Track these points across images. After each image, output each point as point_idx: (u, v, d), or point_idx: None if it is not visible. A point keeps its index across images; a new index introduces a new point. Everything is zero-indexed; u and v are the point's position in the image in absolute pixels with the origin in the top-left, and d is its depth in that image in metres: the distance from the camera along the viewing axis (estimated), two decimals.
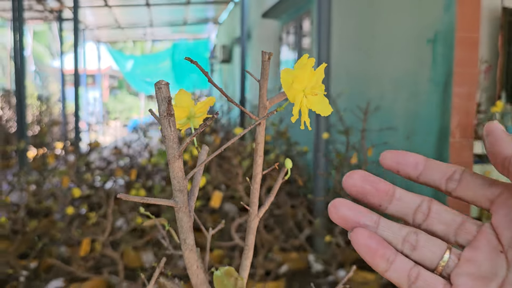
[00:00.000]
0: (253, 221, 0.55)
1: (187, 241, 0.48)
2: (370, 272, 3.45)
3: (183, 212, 0.47)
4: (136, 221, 2.83)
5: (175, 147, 0.44)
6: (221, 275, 0.53)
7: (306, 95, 0.50)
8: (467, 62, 3.19)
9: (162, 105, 0.44)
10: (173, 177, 0.46)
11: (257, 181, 0.54)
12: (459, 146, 3.24)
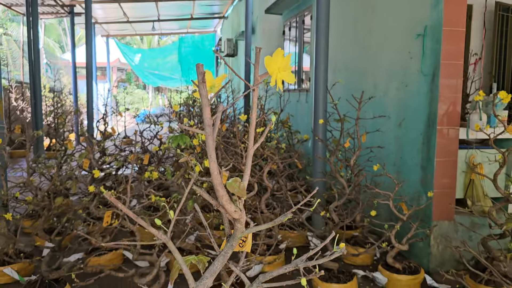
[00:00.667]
0: (250, 150, 0.86)
1: (212, 156, 0.79)
2: (361, 247, 3.76)
3: (210, 138, 0.77)
4: (151, 200, 3.15)
5: (206, 100, 0.74)
6: (231, 182, 0.85)
7: (279, 71, 0.81)
8: (453, 55, 3.46)
9: (199, 76, 0.75)
10: (205, 117, 0.76)
11: (252, 126, 0.84)
12: (445, 132, 3.52)
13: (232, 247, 0.93)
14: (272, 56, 0.80)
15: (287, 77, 0.82)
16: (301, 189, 3.94)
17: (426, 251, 3.60)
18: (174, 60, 20.32)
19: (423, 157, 3.65)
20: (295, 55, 7.95)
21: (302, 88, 7.26)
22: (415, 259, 3.64)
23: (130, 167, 4.83)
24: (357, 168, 3.72)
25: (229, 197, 0.82)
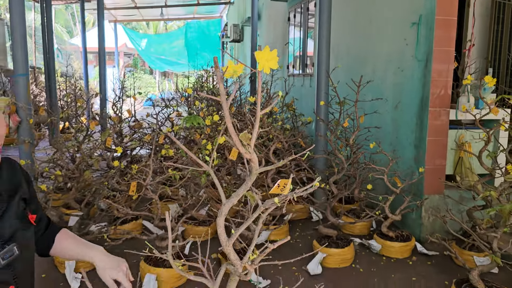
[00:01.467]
0: (257, 116, 1.19)
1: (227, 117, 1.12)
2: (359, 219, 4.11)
3: (226, 106, 1.10)
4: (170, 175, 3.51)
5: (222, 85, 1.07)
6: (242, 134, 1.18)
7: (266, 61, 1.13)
8: (445, 42, 3.76)
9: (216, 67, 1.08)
10: (221, 93, 1.09)
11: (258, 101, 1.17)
12: (437, 113, 3.83)
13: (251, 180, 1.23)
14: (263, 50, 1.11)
15: (273, 66, 1.13)
16: (305, 165, 4.28)
17: (418, 222, 3.95)
18: (180, 45, 20.54)
19: (416, 136, 3.97)
20: (300, 41, 8.21)
21: (306, 73, 7.56)
22: (408, 229, 3.99)
23: (145, 146, 5.19)
24: (355, 147, 4.05)
25: (241, 143, 1.13)
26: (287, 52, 8.91)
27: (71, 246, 1.33)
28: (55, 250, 1.35)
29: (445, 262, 3.58)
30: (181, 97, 7.73)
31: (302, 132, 4.43)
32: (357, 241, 3.85)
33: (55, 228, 1.36)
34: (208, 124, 3.93)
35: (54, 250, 1.35)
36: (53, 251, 1.36)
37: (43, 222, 1.32)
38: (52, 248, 1.34)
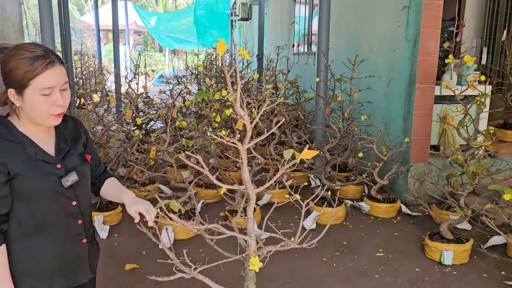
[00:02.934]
0: (265, 91, 1.64)
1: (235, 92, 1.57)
2: (356, 185, 4.58)
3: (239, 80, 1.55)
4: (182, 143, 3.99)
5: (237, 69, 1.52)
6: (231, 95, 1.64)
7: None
8: (432, 24, 4.13)
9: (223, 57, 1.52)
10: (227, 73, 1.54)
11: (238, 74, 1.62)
12: (423, 89, 4.24)
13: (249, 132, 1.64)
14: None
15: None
16: (305, 137, 4.74)
17: (404, 187, 4.41)
18: (189, 23, 20.74)
19: (404, 110, 4.40)
20: (305, 19, 8.53)
21: (310, 51, 7.92)
22: (395, 194, 4.46)
23: (159, 120, 5.66)
24: (350, 120, 4.49)
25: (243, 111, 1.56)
26: (293, 31, 9.25)
27: (111, 189, 1.74)
28: (102, 191, 1.74)
29: (425, 221, 4.05)
30: (192, 75, 8.16)
31: (302, 106, 4.86)
32: (348, 202, 4.34)
33: (107, 175, 1.75)
34: (217, 98, 4.38)
35: (101, 191, 1.74)
36: (101, 192, 1.75)
37: (100, 168, 1.75)
38: (101, 189, 1.74)
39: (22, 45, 1.29)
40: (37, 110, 1.29)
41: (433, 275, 3.08)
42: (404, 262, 3.26)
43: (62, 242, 1.41)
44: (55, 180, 1.35)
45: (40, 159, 1.34)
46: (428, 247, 3.30)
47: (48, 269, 1.38)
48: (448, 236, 3.25)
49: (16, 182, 1.28)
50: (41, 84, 1.26)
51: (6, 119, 1.33)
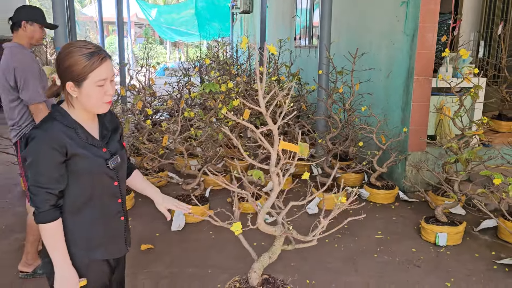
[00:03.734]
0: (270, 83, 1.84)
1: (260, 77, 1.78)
2: (356, 173, 4.80)
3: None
4: (190, 133, 4.20)
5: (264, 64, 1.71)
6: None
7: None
8: (429, 19, 4.32)
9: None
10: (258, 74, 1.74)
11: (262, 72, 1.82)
12: (421, 81, 4.44)
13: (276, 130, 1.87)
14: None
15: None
16: (308, 127, 4.95)
17: (402, 175, 4.63)
18: (189, 15, 20.84)
19: (403, 101, 4.60)
20: (306, 12, 8.69)
21: (312, 44, 8.10)
22: (394, 181, 4.68)
23: (165, 111, 5.85)
24: (351, 110, 4.69)
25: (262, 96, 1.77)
26: (295, 24, 9.41)
27: (139, 181, 1.88)
28: (129, 181, 1.88)
29: (422, 207, 4.28)
30: (195, 67, 8.34)
31: (305, 98, 5.06)
32: (349, 189, 4.54)
33: (133, 166, 1.91)
34: (223, 90, 4.57)
35: (128, 180, 1.88)
36: (128, 181, 1.88)
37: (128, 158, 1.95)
38: (129, 178, 1.87)
39: (74, 43, 1.47)
40: (93, 99, 1.47)
41: (428, 254, 3.30)
42: (401, 243, 3.48)
43: (105, 218, 1.59)
44: (102, 162, 1.54)
45: (90, 143, 1.52)
46: (424, 229, 3.53)
47: (92, 242, 1.56)
48: (443, 219, 3.47)
49: (72, 162, 1.46)
50: (97, 76, 1.45)
51: (60, 106, 1.52)
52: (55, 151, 1.42)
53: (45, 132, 1.43)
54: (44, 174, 1.42)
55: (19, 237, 3.55)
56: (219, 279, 2.91)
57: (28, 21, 2.89)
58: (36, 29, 2.92)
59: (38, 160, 1.41)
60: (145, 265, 3.11)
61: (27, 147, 1.42)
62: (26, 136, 1.45)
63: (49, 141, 1.42)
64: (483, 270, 3.07)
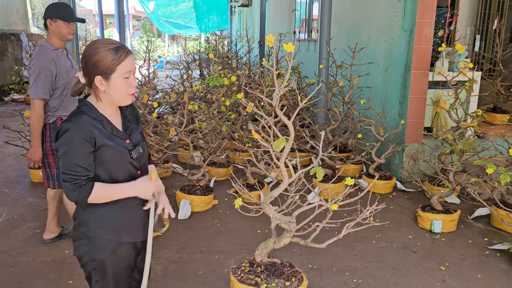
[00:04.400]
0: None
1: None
2: (355, 164, 4.95)
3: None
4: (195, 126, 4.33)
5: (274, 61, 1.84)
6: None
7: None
8: (426, 15, 4.45)
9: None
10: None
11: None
12: (418, 75, 4.58)
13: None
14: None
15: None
16: (309, 120, 5.09)
17: (399, 166, 4.78)
18: (187, 8, 20.82)
19: (400, 94, 4.74)
20: (306, 5, 8.80)
21: (311, 38, 8.22)
22: (391, 172, 4.83)
23: (168, 104, 5.97)
24: (350, 103, 4.83)
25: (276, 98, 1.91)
26: (294, 18, 9.52)
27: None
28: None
29: (419, 196, 4.44)
30: (195, 61, 8.44)
31: (304, 91, 5.19)
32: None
33: (150, 161, 1.99)
34: (226, 83, 4.70)
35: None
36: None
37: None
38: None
39: (100, 40, 1.60)
40: (120, 91, 1.60)
41: (424, 241, 3.47)
42: (398, 231, 3.64)
43: (130, 204, 1.71)
44: (126, 152, 1.66)
45: (115, 134, 1.65)
46: (420, 217, 3.69)
47: (119, 226, 1.69)
48: (438, 207, 3.63)
49: (100, 152, 1.59)
50: (124, 68, 1.58)
51: (86, 100, 1.65)
52: (86, 142, 1.54)
53: (75, 124, 1.55)
54: (75, 163, 1.53)
55: (31, 226, 3.69)
56: (226, 263, 3.06)
57: (51, 18, 3.00)
58: (60, 25, 3.01)
59: (70, 150, 1.53)
60: (155, 251, 3.26)
61: (59, 139, 1.54)
62: (57, 129, 1.57)
63: (80, 133, 1.53)
64: (476, 255, 3.23)
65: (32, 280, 2.87)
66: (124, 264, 1.73)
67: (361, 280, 2.89)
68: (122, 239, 1.70)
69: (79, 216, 1.67)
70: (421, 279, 2.90)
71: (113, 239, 1.68)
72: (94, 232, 1.65)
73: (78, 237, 1.67)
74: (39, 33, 12.66)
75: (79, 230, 1.67)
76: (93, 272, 1.68)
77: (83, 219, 1.66)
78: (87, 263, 1.67)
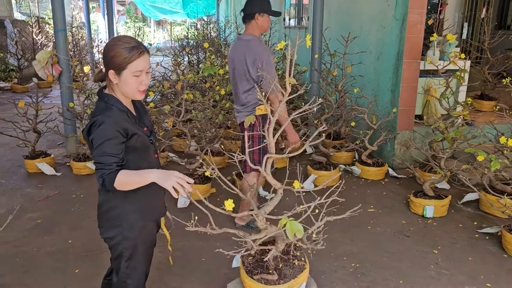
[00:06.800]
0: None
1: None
2: (348, 151, 5.06)
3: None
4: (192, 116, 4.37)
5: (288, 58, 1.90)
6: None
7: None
8: (418, 4, 4.52)
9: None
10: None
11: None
12: (410, 64, 4.68)
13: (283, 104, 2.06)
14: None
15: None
16: (304, 107, 5.16)
17: (391, 153, 4.91)
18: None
19: (392, 83, 4.84)
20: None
21: (301, 25, 8.24)
22: (383, 159, 4.96)
23: (160, 93, 5.97)
24: (343, 92, 4.92)
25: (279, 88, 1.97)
26: (284, 4, 9.51)
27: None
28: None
29: (410, 182, 4.58)
30: (186, 48, 8.40)
31: (299, 81, 5.25)
32: (342, 167, 4.82)
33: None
34: (221, 73, 4.74)
35: None
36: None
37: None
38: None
39: (119, 37, 1.70)
40: (129, 87, 1.70)
41: (417, 226, 3.61)
42: (392, 216, 3.78)
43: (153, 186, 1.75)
44: (147, 139, 1.80)
45: (138, 123, 1.78)
46: (412, 203, 3.82)
47: (147, 208, 1.86)
48: (430, 193, 3.77)
49: (131, 140, 1.71)
50: (134, 67, 1.67)
51: (108, 94, 1.74)
52: (119, 133, 1.65)
53: (109, 118, 1.65)
54: (110, 153, 1.63)
55: (32, 216, 3.72)
56: (227, 250, 3.15)
57: (260, 12, 3.14)
58: (265, 19, 3.18)
59: (106, 142, 1.63)
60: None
61: (93, 131, 1.64)
62: (90, 122, 1.67)
63: (114, 125, 1.65)
64: (466, 239, 3.38)
65: (38, 269, 2.92)
66: (150, 240, 1.93)
67: (358, 264, 3.01)
68: (149, 219, 1.88)
69: (109, 201, 1.79)
70: (416, 262, 3.04)
71: (142, 219, 1.85)
72: (128, 214, 1.80)
73: (110, 220, 1.81)
74: (23, 19, 12.39)
75: (111, 213, 1.80)
76: (125, 251, 1.83)
77: (115, 204, 1.79)
78: (120, 243, 1.82)
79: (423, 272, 2.92)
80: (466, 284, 2.79)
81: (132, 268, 1.87)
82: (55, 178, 4.65)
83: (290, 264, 2.44)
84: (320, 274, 2.89)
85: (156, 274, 2.88)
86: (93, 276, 2.79)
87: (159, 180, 1.70)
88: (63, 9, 4.94)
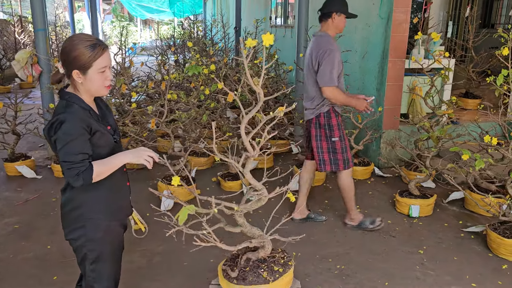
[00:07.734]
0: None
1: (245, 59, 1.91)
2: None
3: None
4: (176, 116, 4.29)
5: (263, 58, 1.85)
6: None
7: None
8: (403, 3, 4.50)
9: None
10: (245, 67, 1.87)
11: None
12: (395, 62, 4.66)
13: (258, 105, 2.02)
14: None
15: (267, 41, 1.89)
16: (290, 108, 5.12)
17: (377, 152, 4.89)
18: None
19: (378, 81, 4.82)
20: None
21: (288, 24, 8.20)
22: (369, 158, 4.94)
23: (144, 93, 5.88)
24: None
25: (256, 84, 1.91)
26: (270, 4, 9.46)
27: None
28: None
29: (395, 182, 4.56)
30: (171, 47, 8.30)
31: (284, 80, 5.21)
32: None
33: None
34: (206, 73, 4.66)
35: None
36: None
37: None
38: None
39: (77, 36, 1.66)
40: (96, 84, 1.68)
41: (403, 225, 3.58)
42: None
43: (118, 186, 1.84)
44: (111, 138, 1.76)
45: (100, 121, 1.74)
46: (398, 202, 3.80)
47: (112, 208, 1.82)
48: (415, 192, 3.75)
49: (94, 138, 1.67)
50: (100, 64, 1.65)
51: (71, 92, 1.70)
52: (84, 130, 1.63)
53: (73, 115, 1.63)
54: (78, 151, 1.60)
55: (10, 221, 3.61)
56: (211, 253, 3.09)
57: (337, 12, 3.21)
58: (342, 19, 3.26)
59: (72, 140, 1.60)
60: (138, 244, 3.25)
61: (57, 131, 1.60)
62: (51, 121, 1.63)
63: (79, 122, 1.62)
64: (452, 238, 3.37)
65: (13, 276, 2.82)
66: (117, 241, 1.89)
67: (344, 266, 2.97)
68: (114, 219, 1.84)
69: (73, 201, 1.75)
70: (401, 263, 3.01)
71: (108, 219, 1.80)
72: (92, 214, 1.75)
73: (73, 220, 1.76)
74: (5, 18, 12.16)
75: (74, 213, 1.75)
76: (89, 253, 1.78)
77: (79, 203, 1.75)
78: (84, 245, 1.77)
79: (409, 273, 2.89)
80: (452, 284, 2.77)
81: (98, 272, 1.82)
82: (36, 181, 4.53)
83: (274, 267, 2.39)
84: (305, 276, 2.84)
85: (135, 280, 2.80)
86: (71, 283, 2.68)
87: (133, 159, 1.72)
88: (43, 8, 4.82)
